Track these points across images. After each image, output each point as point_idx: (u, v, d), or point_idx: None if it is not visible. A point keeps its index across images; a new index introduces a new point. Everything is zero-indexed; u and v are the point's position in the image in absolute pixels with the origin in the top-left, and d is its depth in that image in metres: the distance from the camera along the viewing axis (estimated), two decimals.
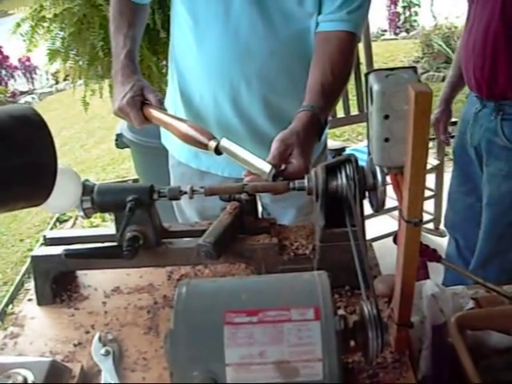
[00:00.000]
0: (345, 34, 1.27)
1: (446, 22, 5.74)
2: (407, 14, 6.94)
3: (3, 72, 6.70)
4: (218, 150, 1.10)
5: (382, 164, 0.71)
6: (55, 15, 2.12)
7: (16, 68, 6.63)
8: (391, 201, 0.91)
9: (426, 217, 2.90)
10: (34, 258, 1.03)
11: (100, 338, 0.94)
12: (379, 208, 0.93)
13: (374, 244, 2.60)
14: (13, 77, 6.73)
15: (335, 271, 0.96)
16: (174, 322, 0.63)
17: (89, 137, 5.30)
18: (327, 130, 1.91)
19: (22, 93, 6.84)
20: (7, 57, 6.54)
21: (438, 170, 2.78)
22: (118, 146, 2.59)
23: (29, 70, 6.67)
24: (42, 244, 1.09)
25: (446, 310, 1.01)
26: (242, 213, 1.00)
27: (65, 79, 3.19)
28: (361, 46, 2.73)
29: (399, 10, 6.94)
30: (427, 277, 1.15)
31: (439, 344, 0.96)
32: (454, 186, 2.04)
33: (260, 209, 1.65)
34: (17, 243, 3.57)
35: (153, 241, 0.99)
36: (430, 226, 2.95)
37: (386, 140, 0.69)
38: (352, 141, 4.23)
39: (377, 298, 0.95)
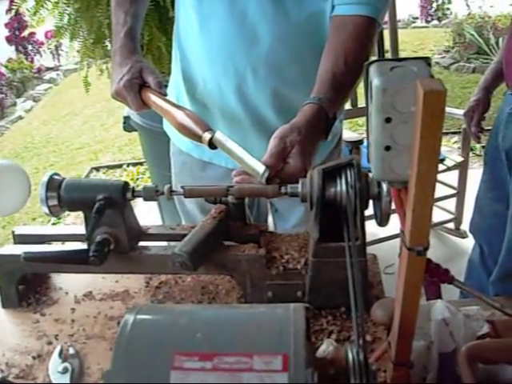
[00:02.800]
0: (362, 19, 1.12)
1: (479, 11, 5.51)
2: (440, 1, 6.70)
3: (29, 47, 6.66)
4: (212, 144, 0.99)
5: (382, 177, 0.58)
6: None
7: (42, 44, 6.57)
8: None
9: (446, 216, 2.77)
10: None
11: (61, 353, 0.84)
12: (383, 221, 0.80)
13: (388, 243, 2.45)
14: (39, 52, 6.68)
15: (330, 290, 0.85)
16: (113, 360, 0.52)
17: (109, 116, 5.28)
18: (343, 121, 1.78)
19: (48, 69, 6.83)
20: (34, 32, 6.48)
21: (462, 167, 2.62)
22: (125, 129, 2.48)
23: (55, 46, 6.61)
24: None
25: (457, 336, 0.89)
26: (228, 218, 0.88)
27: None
28: (386, 33, 2.58)
29: None
30: (439, 296, 1.03)
31: (447, 375, 0.84)
32: (482, 191, 1.86)
33: (268, 205, 1.54)
34: (29, 222, 3.52)
35: (126, 245, 0.87)
36: (451, 225, 2.80)
37: (387, 148, 0.56)
38: None
39: (373, 327, 0.84)
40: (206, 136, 0.98)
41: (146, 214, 2.46)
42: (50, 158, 4.60)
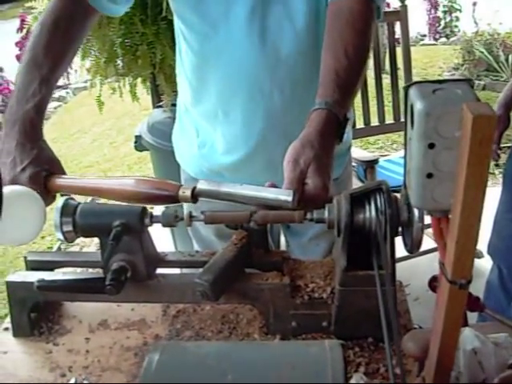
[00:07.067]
0: (358, 3, 1.04)
1: (488, 28, 5.49)
2: (448, 19, 6.69)
3: None
4: (195, 197, 0.87)
5: (423, 206, 0.54)
6: None
7: None
8: None
9: None
10: (9, 284, 0.90)
11: None
12: (414, 249, 0.76)
13: (406, 262, 2.40)
14: None
15: (357, 320, 0.81)
16: None
17: (119, 134, 5.25)
18: (354, 140, 1.73)
19: (58, 87, 6.83)
20: None
21: None
22: (137, 148, 2.46)
23: None
24: None
25: (487, 365, 0.84)
26: (251, 244, 0.85)
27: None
28: (399, 51, 2.56)
29: (440, 14, 6.69)
30: (466, 323, 0.98)
31: None
32: (501, 212, 1.81)
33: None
34: (38, 240, 3.48)
35: (143, 273, 0.84)
36: None
37: (429, 176, 0.52)
38: (386, 149, 4.04)
39: (403, 358, 0.79)
40: (185, 191, 0.85)
41: (157, 238, 2.40)
42: None
